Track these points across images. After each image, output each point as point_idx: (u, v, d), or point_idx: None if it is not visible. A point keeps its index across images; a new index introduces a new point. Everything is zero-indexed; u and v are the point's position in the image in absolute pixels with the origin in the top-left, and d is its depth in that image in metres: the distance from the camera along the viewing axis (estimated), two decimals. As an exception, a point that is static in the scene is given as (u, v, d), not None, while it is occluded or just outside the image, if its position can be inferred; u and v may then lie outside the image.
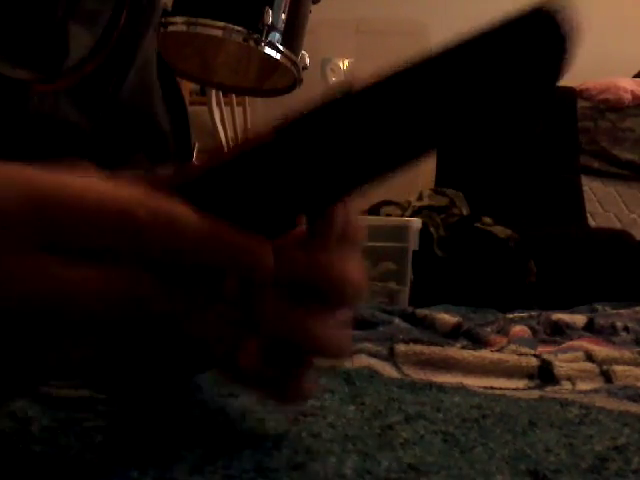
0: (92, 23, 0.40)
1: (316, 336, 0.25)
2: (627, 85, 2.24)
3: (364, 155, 0.22)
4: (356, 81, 0.22)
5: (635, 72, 2.39)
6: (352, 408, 0.36)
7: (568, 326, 0.88)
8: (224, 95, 1.90)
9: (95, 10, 0.40)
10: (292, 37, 1.26)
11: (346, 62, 2.52)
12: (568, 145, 2.21)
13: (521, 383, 0.55)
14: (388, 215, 1.90)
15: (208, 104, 1.88)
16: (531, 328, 0.85)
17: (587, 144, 2.24)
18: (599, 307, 1.21)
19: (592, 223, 2.14)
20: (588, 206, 2.17)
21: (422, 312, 0.87)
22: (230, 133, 1.97)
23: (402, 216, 1.86)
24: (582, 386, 0.54)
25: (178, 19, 1.21)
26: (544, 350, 0.72)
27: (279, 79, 1.40)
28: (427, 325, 0.83)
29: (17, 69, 0.37)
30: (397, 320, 0.81)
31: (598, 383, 0.55)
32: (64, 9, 0.38)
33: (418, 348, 0.60)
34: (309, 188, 0.23)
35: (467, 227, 1.77)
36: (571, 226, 2.04)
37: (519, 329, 0.83)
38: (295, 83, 1.36)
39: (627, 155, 2.22)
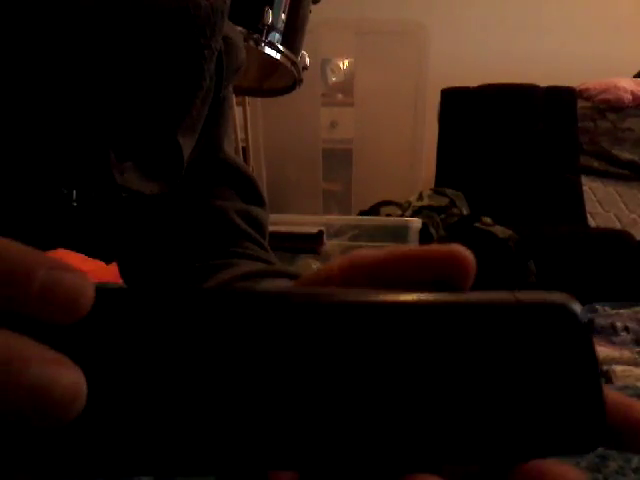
0: (192, 131, 0.45)
1: None
2: (627, 85, 2.24)
3: None
4: None
5: (635, 72, 2.40)
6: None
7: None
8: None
9: (195, 122, 0.45)
10: (292, 37, 1.26)
11: (346, 62, 2.52)
12: (568, 145, 2.22)
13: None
14: (388, 215, 1.90)
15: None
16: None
17: (587, 144, 2.24)
18: (599, 307, 1.21)
19: (592, 223, 2.14)
20: (588, 206, 2.17)
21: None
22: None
23: (402, 216, 1.86)
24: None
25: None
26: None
27: (279, 79, 1.40)
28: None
29: (148, 183, 0.42)
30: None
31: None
32: (175, 124, 0.42)
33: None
34: None
35: (467, 227, 1.78)
36: (571, 226, 2.04)
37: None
38: (295, 83, 1.36)
39: (627, 155, 2.22)
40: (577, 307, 0.19)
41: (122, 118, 0.39)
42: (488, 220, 1.78)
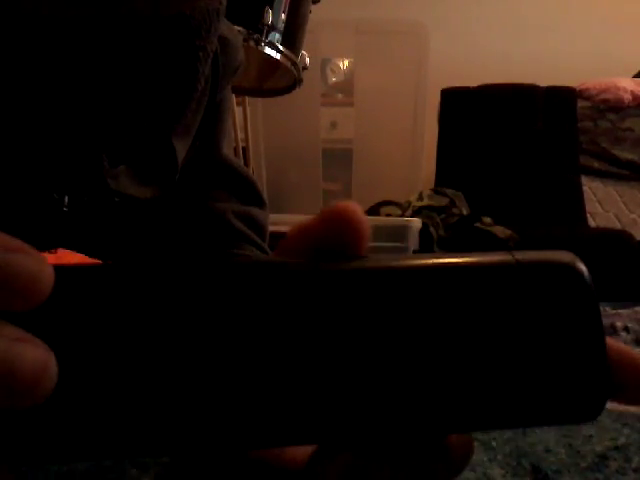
0: (187, 134, 0.44)
1: None
2: (627, 85, 2.24)
3: None
4: None
5: (635, 72, 2.40)
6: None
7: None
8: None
9: (190, 125, 0.44)
10: (292, 37, 1.26)
11: (346, 62, 2.52)
12: (568, 145, 2.22)
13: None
14: (388, 215, 1.90)
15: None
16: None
17: (587, 144, 2.24)
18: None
19: (592, 223, 2.14)
20: (588, 206, 2.17)
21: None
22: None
23: (402, 216, 1.86)
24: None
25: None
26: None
27: (279, 79, 1.39)
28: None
29: (142, 188, 0.41)
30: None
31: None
32: (169, 127, 0.41)
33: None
34: None
35: (467, 227, 1.77)
36: (571, 226, 2.04)
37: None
38: (295, 83, 1.36)
39: (627, 155, 2.22)
40: (582, 266, 0.18)
41: (115, 122, 0.38)
42: (488, 220, 1.78)
